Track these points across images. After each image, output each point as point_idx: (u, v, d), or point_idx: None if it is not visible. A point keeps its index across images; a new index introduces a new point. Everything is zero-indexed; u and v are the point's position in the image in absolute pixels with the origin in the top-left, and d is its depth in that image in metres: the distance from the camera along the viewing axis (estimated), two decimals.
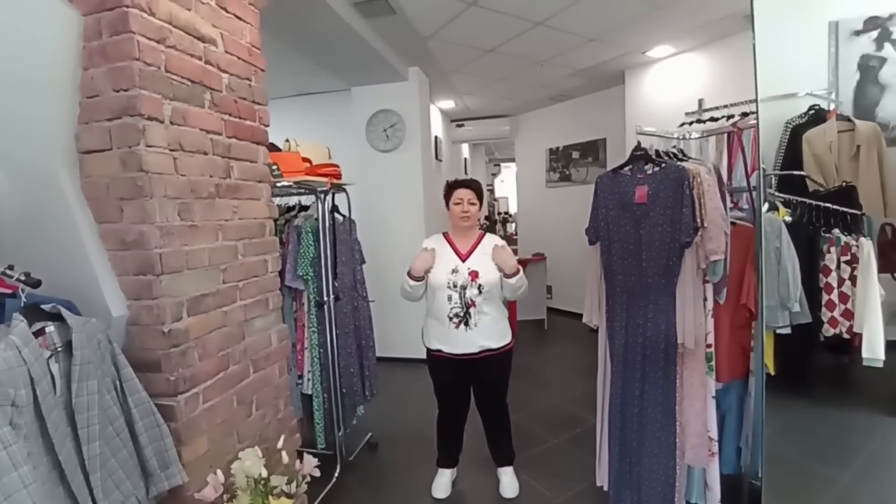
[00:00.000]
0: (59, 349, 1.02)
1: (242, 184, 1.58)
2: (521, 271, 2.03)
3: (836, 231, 2.38)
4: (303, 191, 2.22)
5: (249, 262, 1.61)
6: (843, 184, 2.61)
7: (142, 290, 1.24)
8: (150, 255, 1.22)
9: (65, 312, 1.05)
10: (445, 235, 2.11)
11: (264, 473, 1.32)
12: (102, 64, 1.23)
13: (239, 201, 1.56)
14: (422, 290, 2.03)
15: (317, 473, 1.52)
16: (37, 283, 1.06)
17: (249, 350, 1.59)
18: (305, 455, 1.54)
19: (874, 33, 2.91)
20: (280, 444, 1.50)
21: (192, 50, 1.37)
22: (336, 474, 2.27)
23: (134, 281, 1.24)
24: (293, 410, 1.94)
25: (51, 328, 1.02)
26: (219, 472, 1.30)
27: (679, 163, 1.76)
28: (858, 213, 2.46)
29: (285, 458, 1.44)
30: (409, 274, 2.00)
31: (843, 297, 2.35)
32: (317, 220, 2.24)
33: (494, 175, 10.70)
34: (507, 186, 10.29)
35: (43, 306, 1.05)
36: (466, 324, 1.97)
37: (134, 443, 1.16)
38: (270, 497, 1.34)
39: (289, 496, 1.38)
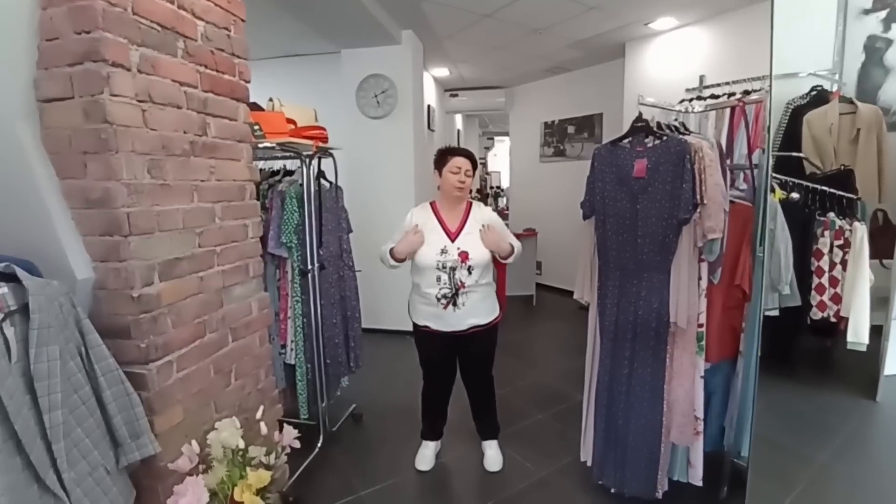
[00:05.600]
0: (14, 311, 0.95)
1: (220, 142, 1.48)
2: (517, 245, 1.99)
3: (831, 215, 2.36)
4: (287, 154, 2.11)
5: (228, 226, 1.53)
6: (841, 167, 2.57)
7: (109, 252, 1.16)
8: (116, 215, 1.13)
9: (20, 272, 0.97)
10: (433, 206, 2.02)
11: (241, 444, 1.28)
12: (62, 2, 1.12)
13: (217, 161, 1.46)
14: (402, 266, 1.97)
15: (296, 445, 1.49)
16: None
17: (228, 318, 1.53)
18: (285, 426, 1.51)
19: (883, 13, 2.83)
20: (259, 414, 1.46)
21: None
22: (319, 445, 2.25)
23: (100, 242, 1.16)
24: (275, 380, 1.90)
25: (4, 289, 0.94)
26: (194, 442, 1.26)
27: (681, 136, 1.69)
28: (854, 197, 2.43)
29: (264, 429, 1.40)
30: (391, 254, 1.93)
31: (833, 281, 2.35)
32: (302, 185, 2.14)
33: (488, 149, 10.54)
34: (499, 161, 10.16)
35: None
36: (455, 304, 1.92)
37: (102, 412, 1.10)
38: (248, 468, 1.30)
39: (267, 467, 1.35)
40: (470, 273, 1.90)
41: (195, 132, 1.37)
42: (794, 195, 2.05)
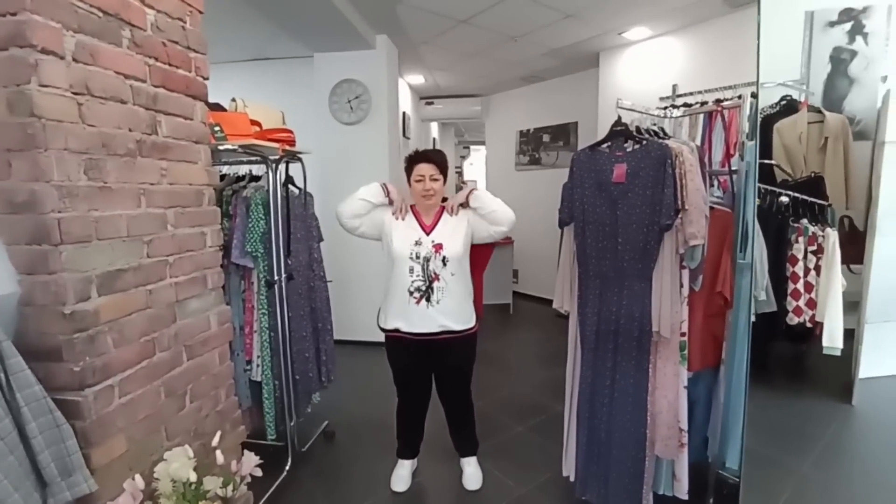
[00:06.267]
0: None
1: (173, 143, 1.36)
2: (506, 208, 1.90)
3: (805, 221, 2.38)
4: (253, 158, 1.99)
5: (182, 234, 1.40)
6: (812, 174, 2.61)
7: (36, 263, 1.02)
8: (45, 221, 1.00)
9: None
10: (412, 208, 1.99)
11: (193, 477, 1.15)
12: None
13: (169, 163, 1.34)
14: (367, 208, 1.93)
15: (258, 473, 1.36)
16: None
17: (182, 335, 1.39)
18: (246, 452, 1.38)
19: (847, 25, 2.90)
20: (216, 441, 1.33)
21: None
22: (287, 467, 2.10)
23: (26, 251, 1.02)
24: (238, 400, 1.76)
25: None
26: (138, 476, 1.12)
27: (661, 140, 1.65)
28: (826, 203, 2.47)
29: (220, 457, 1.26)
30: (380, 189, 1.93)
31: (808, 287, 2.36)
32: (268, 191, 2.02)
33: (464, 157, 10.52)
34: (476, 170, 10.15)
35: None
36: (428, 299, 1.85)
37: (25, 447, 0.96)
38: (202, 503, 1.17)
39: (224, 500, 1.22)
40: (445, 265, 1.85)
41: (143, 130, 1.24)
42: (784, 199, 2.06)
